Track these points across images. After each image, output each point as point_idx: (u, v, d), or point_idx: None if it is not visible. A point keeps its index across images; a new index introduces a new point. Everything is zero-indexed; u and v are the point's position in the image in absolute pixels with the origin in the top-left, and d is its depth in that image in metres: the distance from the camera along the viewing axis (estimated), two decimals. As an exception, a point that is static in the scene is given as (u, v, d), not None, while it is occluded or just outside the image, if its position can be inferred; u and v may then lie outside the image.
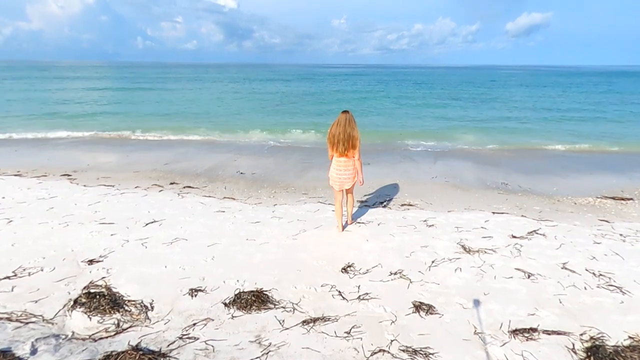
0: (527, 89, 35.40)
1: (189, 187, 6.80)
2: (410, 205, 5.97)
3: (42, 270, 3.68)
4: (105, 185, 6.72)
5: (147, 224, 4.94)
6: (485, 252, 4.29)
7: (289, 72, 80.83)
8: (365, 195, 6.48)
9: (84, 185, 6.65)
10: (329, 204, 5.98)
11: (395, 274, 3.80)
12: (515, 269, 3.94)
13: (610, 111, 19.50)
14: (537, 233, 4.88)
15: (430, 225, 5.06)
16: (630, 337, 2.84)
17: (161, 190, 6.51)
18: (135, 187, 6.64)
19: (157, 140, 11.69)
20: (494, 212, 5.64)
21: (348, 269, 3.88)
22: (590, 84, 41.89)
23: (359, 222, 5.16)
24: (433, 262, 4.05)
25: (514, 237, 4.75)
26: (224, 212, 5.49)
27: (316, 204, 5.98)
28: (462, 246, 4.43)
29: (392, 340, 2.81)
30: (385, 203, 6.06)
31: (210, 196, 6.28)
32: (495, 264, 4.02)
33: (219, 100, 22.87)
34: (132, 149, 10.27)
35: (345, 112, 4.60)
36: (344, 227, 4.91)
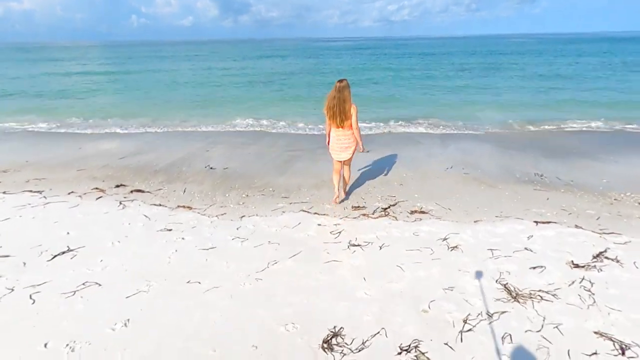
0: (540, 58, 33.04)
1: (139, 190, 5.33)
2: (423, 212, 4.50)
3: None
4: (31, 191, 5.27)
5: (54, 256, 3.52)
6: (542, 299, 2.85)
7: (285, 47, 77.49)
8: (363, 196, 5.02)
9: (4, 193, 5.21)
10: (315, 213, 4.52)
11: (407, 350, 2.38)
12: (596, 333, 2.51)
13: (636, 80, 17.59)
14: (606, 257, 3.42)
15: (453, 248, 3.61)
16: None
17: (100, 197, 5.06)
18: (69, 193, 5.19)
19: (124, 129, 10.11)
20: (536, 222, 4.17)
21: (333, 340, 2.47)
22: (605, 52, 39.21)
23: (353, 244, 3.71)
24: (465, 322, 2.62)
25: (575, 265, 3.30)
26: (170, 231, 4.05)
27: (298, 213, 4.52)
28: (505, 286, 3.00)
29: None
30: (388, 209, 4.59)
31: (161, 204, 4.83)
32: (563, 324, 2.59)
33: (206, 81, 20.89)
34: (90, 139, 8.76)
35: (340, 81, 4.30)
36: (340, 199, 4.84)
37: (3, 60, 40.88)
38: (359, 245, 3.70)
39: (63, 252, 3.58)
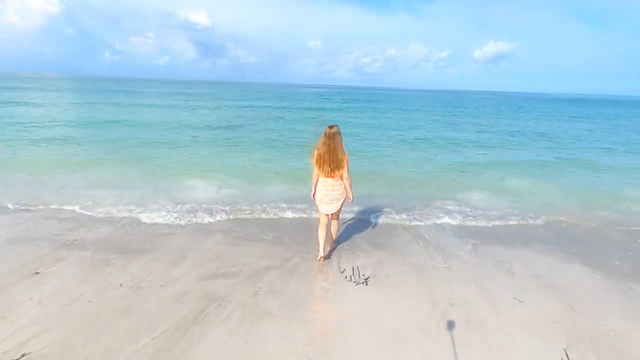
0: (523, 114, 32.51)
1: None
2: None
3: None
4: None
5: None
6: None
7: (259, 90, 74.96)
8: None
9: None
10: None
11: None
12: None
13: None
14: None
15: None
16: None
17: None
18: None
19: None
20: None
21: None
22: (581, 113, 38.53)
23: None
24: None
25: None
26: None
27: None
28: None
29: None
30: None
31: None
32: None
33: (152, 127, 15.47)
34: None
35: (330, 127, 3.87)
36: (325, 256, 4.15)
37: None
38: None
39: None
